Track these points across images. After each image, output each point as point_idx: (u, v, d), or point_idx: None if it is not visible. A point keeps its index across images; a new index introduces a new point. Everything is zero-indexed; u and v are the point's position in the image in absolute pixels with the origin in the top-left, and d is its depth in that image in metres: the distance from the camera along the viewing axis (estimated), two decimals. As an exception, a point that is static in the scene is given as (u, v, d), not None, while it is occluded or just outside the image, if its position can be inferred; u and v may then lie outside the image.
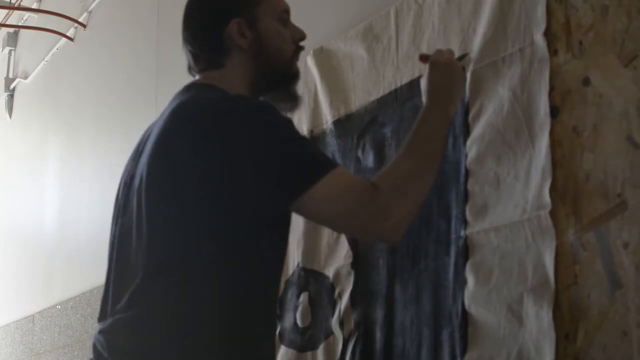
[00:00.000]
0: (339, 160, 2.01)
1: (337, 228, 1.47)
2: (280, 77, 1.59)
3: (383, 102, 1.90)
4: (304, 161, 1.39)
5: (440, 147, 1.49)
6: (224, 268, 1.42)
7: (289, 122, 1.45)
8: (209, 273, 1.42)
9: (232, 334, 1.42)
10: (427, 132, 1.48)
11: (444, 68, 1.58)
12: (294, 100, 1.62)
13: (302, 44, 1.61)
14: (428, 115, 1.52)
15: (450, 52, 1.62)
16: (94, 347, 1.49)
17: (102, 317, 1.54)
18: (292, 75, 1.61)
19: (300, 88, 2.17)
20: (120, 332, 1.45)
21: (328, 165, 1.40)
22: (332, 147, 2.04)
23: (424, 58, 1.63)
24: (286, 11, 1.60)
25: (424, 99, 1.58)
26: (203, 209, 1.41)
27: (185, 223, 1.42)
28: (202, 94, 1.51)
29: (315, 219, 1.46)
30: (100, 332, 1.49)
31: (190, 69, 1.61)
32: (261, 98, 1.59)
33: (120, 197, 1.57)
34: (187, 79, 1.63)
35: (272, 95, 1.60)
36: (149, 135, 1.55)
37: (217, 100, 1.46)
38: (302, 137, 1.45)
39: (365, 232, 1.44)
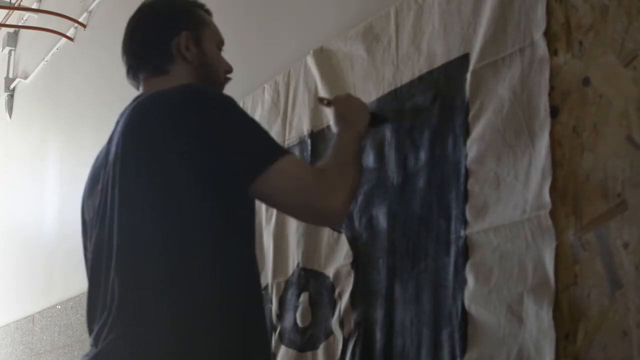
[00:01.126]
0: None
1: (293, 203, 1.55)
2: None
3: (383, 102, 1.90)
4: (267, 143, 1.55)
5: (359, 164, 1.71)
6: (218, 257, 1.47)
7: (248, 115, 1.60)
8: (205, 264, 1.46)
9: (232, 326, 1.45)
10: (346, 151, 1.68)
11: (346, 99, 1.85)
12: None
13: (229, 76, 1.77)
14: (342, 136, 1.73)
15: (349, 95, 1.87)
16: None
17: (91, 324, 1.56)
18: None
19: (301, 87, 2.19)
20: (117, 338, 1.46)
21: (284, 150, 1.59)
22: (332, 147, 2.04)
23: (325, 102, 1.90)
24: (222, 42, 1.78)
25: (334, 130, 1.80)
26: (190, 198, 1.47)
27: (175, 218, 1.47)
28: (160, 92, 1.57)
29: (275, 193, 1.52)
30: (95, 340, 1.50)
31: (133, 76, 1.73)
32: None
33: (89, 216, 1.70)
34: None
35: None
36: (106, 153, 1.66)
37: (183, 89, 1.56)
38: (262, 127, 1.59)
39: (317, 208, 1.55)
